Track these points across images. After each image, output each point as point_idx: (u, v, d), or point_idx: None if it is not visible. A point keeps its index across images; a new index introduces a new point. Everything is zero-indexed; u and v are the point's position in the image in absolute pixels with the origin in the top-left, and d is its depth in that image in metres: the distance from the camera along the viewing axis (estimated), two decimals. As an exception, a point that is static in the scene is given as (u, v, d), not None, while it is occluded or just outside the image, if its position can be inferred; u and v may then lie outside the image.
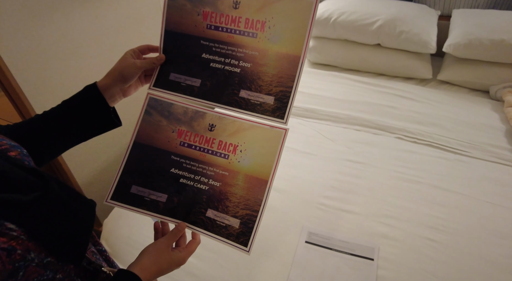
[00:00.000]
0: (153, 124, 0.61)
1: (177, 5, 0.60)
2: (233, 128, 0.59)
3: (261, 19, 0.57)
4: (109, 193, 0.59)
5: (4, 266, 0.32)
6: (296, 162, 1.26)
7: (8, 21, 1.02)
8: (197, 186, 0.59)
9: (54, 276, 0.38)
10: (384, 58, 1.73)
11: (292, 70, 0.56)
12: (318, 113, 1.50)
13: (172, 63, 0.61)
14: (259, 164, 0.58)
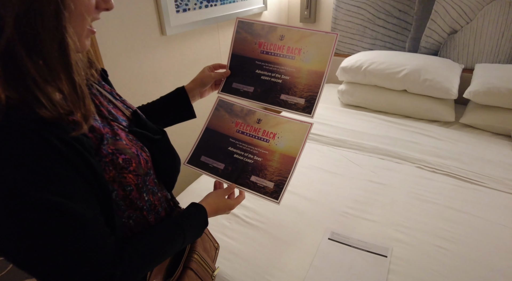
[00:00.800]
0: (220, 117, 0.89)
1: (241, 37, 0.89)
2: (274, 122, 0.85)
3: (298, 47, 0.83)
4: (187, 158, 0.86)
5: (144, 168, 0.56)
6: (325, 179, 1.46)
7: (112, 54, 1.43)
8: (245, 160, 0.83)
9: (157, 192, 0.63)
10: (410, 102, 1.94)
11: (318, 81, 0.81)
12: (347, 143, 1.72)
13: (235, 76, 0.89)
14: (290, 146, 0.82)
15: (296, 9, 2.54)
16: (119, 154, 0.51)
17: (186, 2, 1.64)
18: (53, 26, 0.38)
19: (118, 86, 1.48)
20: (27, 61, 0.37)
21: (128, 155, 0.53)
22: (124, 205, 0.55)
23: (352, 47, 2.42)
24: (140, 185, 0.56)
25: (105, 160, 0.49)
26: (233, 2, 1.96)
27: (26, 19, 0.36)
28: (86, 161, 0.43)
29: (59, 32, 0.39)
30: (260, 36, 0.86)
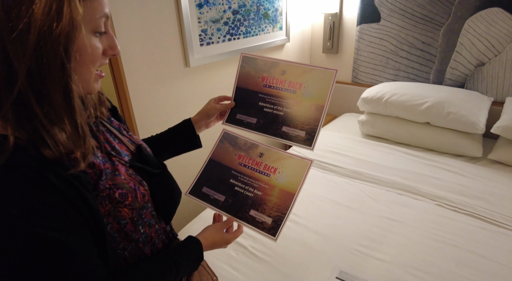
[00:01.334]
0: (224, 149, 0.91)
1: (246, 71, 0.93)
2: (276, 157, 0.86)
3: (299, 82, 0.86)
4: (189, 188, 0.88)
5: (140, 202, 0.60)
6: (338, 213, 1.43)
7: (138, 85, 1.53)
8: (246, 193, 0.84)
9: (154, 225, 0.66)
10: (433, 135, 1.88)
11: (318, 115, 0.83)
12: (364, 176, 1.68)
13: (239, 107, 0.92)
14: (290, 182, 0.82)
15: (319, 41, 2.60)
16: (116, 188, 0.55)
17: (210, 36, 1.74)
18: (58, 76, 0.43)
19: (142, 114, 1.59)
20: (35, 107, 0.43)
21: (125, 189, 0.57)
22: (119, 237, 0.58)
23: (375, 78, 2.41)
24: (135, 218, 0.59)
25: (102, 194, 0.53)
26: (256, 35, 2.05)
27: (36, 72, 0.42)
28: (82, 196, 0.48)
29: (64, 81, 0.44)
30: (263, 70, 0.90)
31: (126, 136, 0.68)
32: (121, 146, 0.64)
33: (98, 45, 0.49)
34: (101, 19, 0.49)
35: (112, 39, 0.53)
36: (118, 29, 1.36)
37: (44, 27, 0.41)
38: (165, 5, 1.51)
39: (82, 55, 0.47)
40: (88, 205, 0.48)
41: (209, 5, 1.68)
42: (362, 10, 2.27)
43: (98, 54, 0.50)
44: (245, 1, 1.89)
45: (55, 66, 0.42)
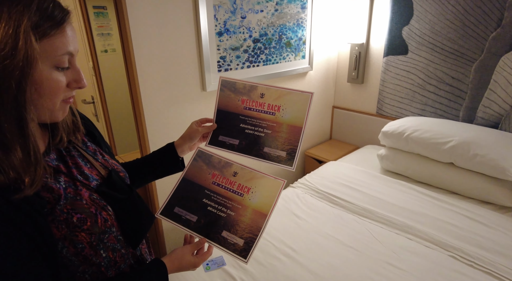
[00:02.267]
0: (197, 167, 0.90)
1: (225, 94, 0.94)
2: (249, 176, 0.85)
3: (278, 104, 0.87)
4: (160, 209, 0.87)
5: (100, 227, 0.61)
6: (338, 253, 1.35)
7: (154, 106, 1.61)
8: (218, 213, 0.82)
9: (121, 249, 0.67)
10: (458, 178, 1.74)
11: (297, 135, 0.84)
12: (375, 215, 1.58)
13: (221, 129, 0.93)
14: (263, 202, 0.81)
15: (344, 70, 2.57)
16: (74, 213, 0.57)
17: (228, 63, 1.80)
18: (11, 107, 0.47)
19: (156, 133, 1.65)
20: None
21: (84, 214, 0.58)
22: (77, 260, 0.59)
23: (401, 111, 2.32)
24: (94, 242, 0.60)
25: (59, 218, 0.55)
26: (277, 63, 2.08)
27: None
28: (32, 221, 0.50)
29: (17, 111, 0.47)
30: (243, 93, 0.92)
31: (100, 161, 0.71)
32: (91, 171, 0.67)
33: (60, 79, 0.52)
34: (63, 56, 0.52)
35: (78, 73, 0.56)
36: (137, 51, 1.45)
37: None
38: (186, 31, 1.59)
39: (42, 88, 0.50)
40: (39, 229, 0.50)
41: (229, 33, 1.75)
42: (389, 41, 2.22)
43: (59, 87, 0.53)
44: (266, 30, 1.94)
45: (8, 98, 0.46)
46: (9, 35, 0.45)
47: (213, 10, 1.64)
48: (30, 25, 0.47)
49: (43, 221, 0.52)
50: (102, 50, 2.71)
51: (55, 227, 0.55)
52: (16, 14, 0.45)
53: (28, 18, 0.46)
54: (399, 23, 2.14)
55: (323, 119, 2.72)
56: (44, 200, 0.54)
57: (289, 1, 2.00)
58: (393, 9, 2.14)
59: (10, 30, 0.45)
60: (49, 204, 0.55)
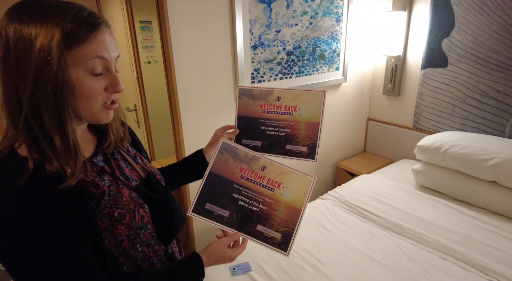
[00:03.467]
0: (223, 160, 0.87)
1: (244, 101, 0.99)
2: (278, 171, 0.85)
3: (294, 105, 0.93)
4: (191, 206, 0.86)
5: (138, 222, 0.67)
6: (366, 268, 1.32)
7: (190, 115, 1.70)
8: (250, 208, 0.83)
9: (154, 245, 0.73)
10: (501, 197, 1.63)
11: (316, 130, 0.89)
12: (406, 231, 1.53)
13: (243, 134, 0.99)
14: (295, 198, 0.82)
15: (380, 82, 2.53)
16: (116, 208, 0.64)
17: (261, 75, 1.86)
18: (51, 107, 0.55)
19: (191, 140, 1.74)
20: (35, 128, 0.55)
21: (124, 210, 0.65)
22: (116, 252, 0.66)
23: (439, 125, 2.23)
24: (131, 236, 0.67)
25: (103, 211, 0.62)
26: (310, 75, 2.11)
27: (34, 102, 0.54)
28: (82, 210, 0.58)
29: (56, 109, 0.55)
30: (260, 99, 0.97)
31: (139, 164, 0.79)
32: (131, 172, 0.74)
33: (92, 83, 0.58)
34: (94, 61, 0.57)
35: (114, 78, 0.61)
36: (177, 63, 1.55)
37: (37, 70, 0.53)
38: (222, 44, 1.68)
39: (78, 92, 0.57)
40: (87, 218, 0.58)
41: (264, 46, 1.82)
42: (427, 54, 2.16)
43: (94, 91, 0.58)
44: (300, 43, 1.98)
45: (47, 99, 0.54)
46: (45, 45, 0.52)
47: (249, 24, 1.71)
48: (63, 36, 0.54)
49: (90, 211, 0.59)
50: (145, 62, 2.91)
51: (100, 219, 0.62)
52: (52, 26, 0.53)
53: (61, 29, 0.54)
54: (438, 35, 2.08)
55: (357, 131, 2.68)
56: (92, 194, 0.61)
57: (324, 14, 2.03)
58: (432, 21, 2.08)
59: (46, 40, 0.53)
60: (95, 198, 0.62)
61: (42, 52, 0.53)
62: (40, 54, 0.52)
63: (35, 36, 0.52)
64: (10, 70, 0.53)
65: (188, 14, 1.53)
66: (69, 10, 0.55)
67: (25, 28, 0.53)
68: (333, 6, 2.07)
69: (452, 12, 1.98)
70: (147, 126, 2.57)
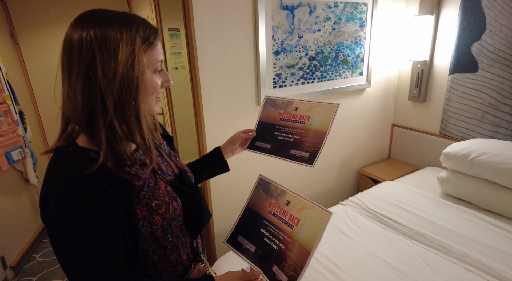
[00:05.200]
0: (258, 196, 0.92)
1: (267, 109, 1.06)
2: (300, 206, 0.83)
3: (308, 115, 0.95)
4: (226, 237, 0.90)
5: (171, 214, 0.72)
6: (384, 275, 1.30)
7: (213, 119, 1.75)
8: (272, 245, 0.81)
9: (182, 237, 0.78)
10: (534, 209, 1.55)
11: (321, 139, 0.90)
12: (429, 240, 1.49)
13: (259, 137, 1.04)
14: (308, 237, 0.77)
15: (405, 87, 2.47)
16: (153, 199, 0.70)
17: (283, 80, 1.89)
18: (133, 105, 0.63)
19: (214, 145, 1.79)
20: (118, 128, 0.62)
21: (160, 201, 0.71)
22: (150, 240, 0.71)
23: (468, 132, 2.14)
24: (165, 226, 0.72)
25: (142, 201, 0.68)
26: (332, 80, 2.11)
27: (119, 104, 0.61)
28: (123, 202, 0.63)
29: (136, 108, 0.64)
30: (281, 108, 1.03)
31: (173, 161, 0.85)
32: (167, 167, 0.80)
33: (157, 81, 0.68)
34: (158, 63, 0.67)
35: (166, 75, 0.71)
36: (202, 69, 1.62)
37: (124, 74, 0.60)
38: (245, 51, 1.73)
39: (147, 89, 0.66)
40: (127, 209, 0.64)
41: (286, 52, 1.85)
42: (456, 58, 2.10)
43: (157, 87, 0.69)
44: (323, 48, 1.99)
45: (131, 98, 0.62)
46: (129, 53, 0.60)
47: (272, 31, 1.75)
48: (141, 41, 0.63)
49: (130, 203, 0.65)
50: (173, 67, 3.04)
51: (139, 209, 0.67)
52: (131, 36, 0.61)
53: (139, 38, 0.62)
54: (468, 39, 2.01)
55: (382, 137, 2.63)
56: (134, 187, 0.67)
57: (347, 20, 2.04)
58: (461, 24, 2.03)
59: (130, 48, 0.61)
60: (136, 189, 0.68)
61: (128, 57, 0.60)
62: (127, 59, 0.60)
63: (118, 43, 0.60)
64: (94, 76, 0.59)
65: (213, 21, 1.59)
66: (136, 19, 0.65)
67: (108, 34, 0.60)
68: (357, 11, 2.07)
69: (483, 15, 1.92)
70: (173, 129, 2.67)
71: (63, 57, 0.61)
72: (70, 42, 0.60)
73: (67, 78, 0.61)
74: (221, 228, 1.94)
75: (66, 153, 0.63)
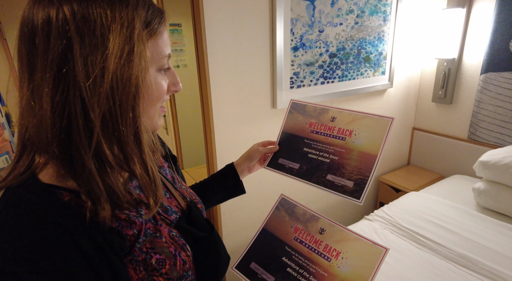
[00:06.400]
0: (279, 217, 0.80)
1: (293, 116, 0.85)
2: (340, 236, 0.70)
3: (350, 129, 0.74)
4: (236, 261, 0.76)
5: (179, 271, 0.52)
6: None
7: (225, 124, 1.54)
8: (299, 278, 0.69)
9: None
10: None
11: (370, 164, 0.68)
12: (478, 266, 1.29)
13: (282, 152, 0.82)
14: (356, 274, 0.64)
15: (429, 88, 2.28)
16: (154, 253, 0.49)
17: (301, 79, 1.68)
18: (130, 118, 0.41)
19: (225, 151, 1.59)
20: (107, 151, 0.40)
21: (163, 255, 0.50)
22: None
23: (502, 137, 1.95)
24: None
25: (137, 258, 0.47)
26: (353, 79, 1.91)
27: (109, 116, 0.40)
28: (111, 264, 0.42)
29: (135, 122, 0.42)
30: (312, 117, 0.82)
31: (178, 190, 0.63)
32: (170, 201, 0.59)
33: (163, 82, 0.48)
34: (165, 58, 0.48)
35: (174, 76, 0.51)
36: (212, 67, 1.41)
37: (117, 71, 0.39)
38: (261, 46, 1.52)
39: (149, 94, 0.45)
40: (115, 272, 0.43)
41: (305, 48, 1.64)
42: (490, 56, 1.90)
43: (163, 91, 0.48)
44: (345, 44, 1.79)
45: (127, 108, 0.41)
46: (125, 41, 0.40)
47: (290, 24, 1.55)
48: (141, 28, 0.42)
49: (120, 264, 0.44)
50: (174, 66, 2.81)
51: (133, 269, 0.46)
52: (127, 16, 0.40)
53: (139, 20, 0.41)
54: (506, 34, 1.81)
55: (402, 142, 2.44)
56: (125, 239, 0.46)
57: (370, 13, 1.83)
58: (498, 18, 1.83)
59: (126, 34, 0.40)
60: (128, 242, 0.47)
61: (124, 46, 0.39)
62: (122, 50, 0.39)
63: (108, 25, 0.39)
64: (71, 74, 0.38)
65: (225, 14, 1.38)
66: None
67: (92, 11, 0.38)
68: (381, 4, 1.86)
69: (524, 7, 1.72)
70: (176, 133, 2.46)
71: (20, 46, 0.40)
72: (30, 23, 0.38)
73: (27, 78, 0.39)
74: (228, 230, 1.73)
75: (21, 195, 0.41)
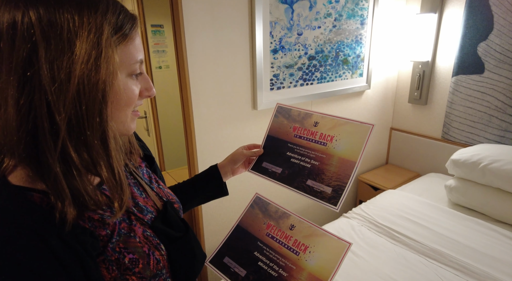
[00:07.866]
0: (253, 215, 0.83)
1: (279, 120, 0.87)
2: (308, 232, 0.74)
3: (331, 134, 0.76)
4: (210, 256, 0.80)
5: (152, 269, 0.53)
6: (404, 303, 1.15)
7: (205, 124, 1.56)
8: (269, 271, 0.72)
9: None
10: (553, 220, 1.44)
11: (349, 171, 0.71)
12: (447, 259, 1.35)
13: (266, 156, 0.85)
14: (321, 267, 0.68)
15: (405, 90, 2.36)
16: (127, 252, 0.50)
17: (281, 81, 1.72)
18: (96, 123, 0.42)
19: (206, 152, 1.60)
20: (73, 155, 0.41)
21: (136, 254, 0.51)
22: None
23: (472, 137, 2.04)
24: None
25: (110, 258, 0.48)
26: (332, 81, 1.96)
27: (76, 120, 0.41)
28: (82, 264, 0.43)
29: (102, 126, 0.43)
30: (296, 121, 0.84)
31: (155, 190, 0.64)
32: (146, 201, 0.60)
33: (134, 88, 0.49)
34: (137, 64, 0.49)
35: (147, 81, 0.52)
36: (192, 68, 1.42)
37: (83, 76, 0.40)
38: (241, 48, 1.54)
39: (118, 99, 0.46)
40: (87, 272, 0.44)
41: (284, 50, 1.68)
42: (460, 59, 1.99)
43: (134, 97, 0.49)
44: (323, 47, 1.83)
45: (94, 113, 0.42)
46: (92, 46, 0.41)
47: (269, 26, 1.58)
48: (110, 34, 0.43)
49: (92, 264, 0.45)
50: (156, 67, 2.80)
51: (105, 268, 0.48)
52: (95, 22, 0.42)
53: (108, 25, 0.43)
54: (474, 38, 1.91)
55: (380, 141, 2.51)
56: (97, 240, 0.47)
57: (348, 16, 1.89)
58: (467, 23, 1.92)
59: (93, 39, 0.41)
60: (101, 242, 0.48)
61: (91, 51, 0.40)
62: (89, 54, 0.40)
63: (76, 30, 0.40)
64: (36, 78, 0.39)
65: (205, 16, 1.40)
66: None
67: (59, 16, 0.39)
68: (358, 8, 1.92)
69: (491, 13, 1.82)
70: (157, 134, 2.45)
71: None
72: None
73: None
74: (213, 244, 1.75)
75: None
